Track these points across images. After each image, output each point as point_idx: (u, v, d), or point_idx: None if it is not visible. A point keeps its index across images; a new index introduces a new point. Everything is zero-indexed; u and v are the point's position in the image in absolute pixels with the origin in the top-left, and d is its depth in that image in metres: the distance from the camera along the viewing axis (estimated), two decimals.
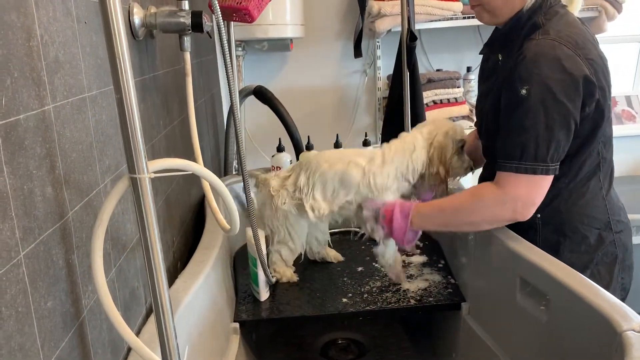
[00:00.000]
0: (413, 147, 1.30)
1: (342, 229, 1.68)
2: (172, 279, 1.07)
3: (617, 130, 2.68)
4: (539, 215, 1.18)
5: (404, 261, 1.48)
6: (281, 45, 2.38)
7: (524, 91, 1.08)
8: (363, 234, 1.35)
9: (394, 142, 1.33)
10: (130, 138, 0.62)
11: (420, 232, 1.27)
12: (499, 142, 1.15)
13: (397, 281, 1.36)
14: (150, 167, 0.64)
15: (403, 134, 1.35)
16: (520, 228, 1.18)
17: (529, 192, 1.10)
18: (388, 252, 1.34)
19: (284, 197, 1.36)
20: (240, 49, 2.38)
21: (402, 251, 1.43)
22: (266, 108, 2.03)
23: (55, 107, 0.65)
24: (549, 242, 1.21)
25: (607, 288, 1.10)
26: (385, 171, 1.29)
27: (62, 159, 0.66)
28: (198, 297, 1.05)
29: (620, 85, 2.92)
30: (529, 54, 1.09)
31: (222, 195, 0.76)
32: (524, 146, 1.08)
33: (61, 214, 0.65)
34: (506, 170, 1.11)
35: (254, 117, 2.47)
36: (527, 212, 1.12)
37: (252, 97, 2.06)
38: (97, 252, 0.65)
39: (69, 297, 0.66)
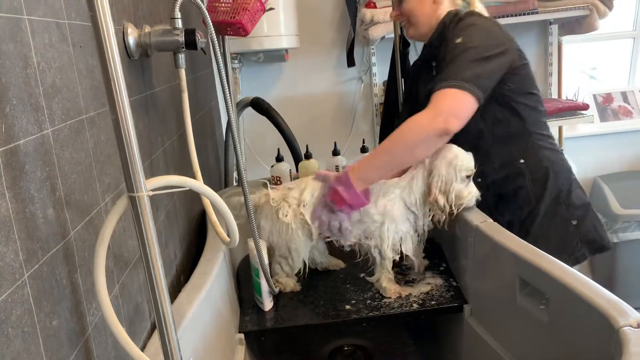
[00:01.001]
0: (414, 177, 1.32)
1: None
2: (175, 292, 1.09)
3: (615, 126, 2.71)
4: (522, 161, 1.43)
5: (405, 265, 1.49)
6: (277, 56, 2.41)
7: (458, 40, 1.32)
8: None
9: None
10: (128, 158, 0.63)
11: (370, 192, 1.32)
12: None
13: (397, 296, 1.36)
14: (148, 185, 0.66)
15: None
16: (510, 177, 1.41)
17: (456, 105, 1.25)
18: (382, 278, 1.36)
19: (286, 209, 1.35)
20: (236, 61, 2.40)
21: (402, 274, 1.46)
22: (265, 118, 2.05)
23: (54, 130, 0.67)
24: (537, 180, 1.44)
25: (589, 204, 1.49)
26: (386, 200, 1.32)
27: (63, 180, 0.68)
28: (202, 310, 1.06)
29: (615, 81, 2.94)
30: (459, 26, 1.38)
31: (219, 209, 0.77)
32: (452, 72, 1.28)
33: (63, 234, 0.67)
34: (436, 90, 1.27)
35: (252, 127, 2.49)
36: (454, 124, 1.23)
37: (250, 108, 2.09)
38: (99, 270, 0.67)
39: (74, 315, 0.68)
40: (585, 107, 2.38)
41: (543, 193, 1.44)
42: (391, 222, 1.32)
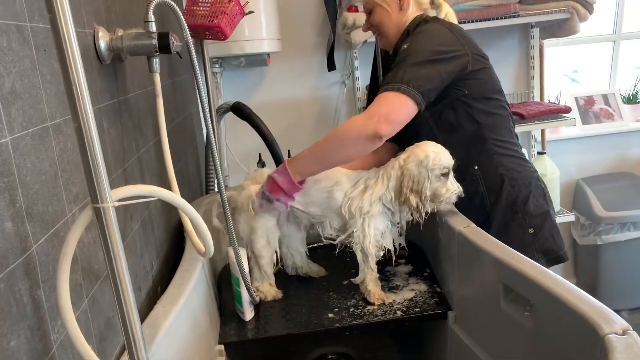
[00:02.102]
0: (390, 176, 1.31)
1: (325, 243, 1.66)
2: (151, 303, 1.05)
3: (596, 129, 2.72)
4: (476, 167, 1.41)
5: (388, 272, 1.47)
6: (258, 60, 2.38)
7: (405, 46, 1.35)
8: (343, 250, 1.39)
9: (381, 169, 1.35)
10: (92, 167, 0.60)
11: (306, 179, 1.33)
12: None
13: (380, 302, 1.34)
14: (114, 196, 0.63)
15: (391, 160, 1.35)
16: (465, 183, 1.33)
17: (390, 108, 1.24)
18: (367, 279, 1.34)
19: None
20: (217, 65, 2.37)
21: (382, 274, 1.43)
22: (247, 123, 2.02)
23: (14, 138, 0.63)
24: (492, 187, 1.42)
25: (548, 213, 1.44)
26: (364, 197, 1.31)
27: (23, 191, 0.64)
28: (179, 322, 1.02)
29: (596, 84, 2.96)
30: (413, 33, 1.40)
31: (191, 219, 0.74)
32: (391, 76, 1.29)
33: (24, 249, 0.63)
34: (377, 94, 1.28)
35: (234, 132, 2.45)
36: (385, 128, 1.22)
37: (232, 113, 2.06)
38: (62, 285, 0.63)
39: (36, 334, 0.64)
40: (567, 110, 2.38)
41: (497, 200, 1.41)
42: (371, 219, 1.31)
